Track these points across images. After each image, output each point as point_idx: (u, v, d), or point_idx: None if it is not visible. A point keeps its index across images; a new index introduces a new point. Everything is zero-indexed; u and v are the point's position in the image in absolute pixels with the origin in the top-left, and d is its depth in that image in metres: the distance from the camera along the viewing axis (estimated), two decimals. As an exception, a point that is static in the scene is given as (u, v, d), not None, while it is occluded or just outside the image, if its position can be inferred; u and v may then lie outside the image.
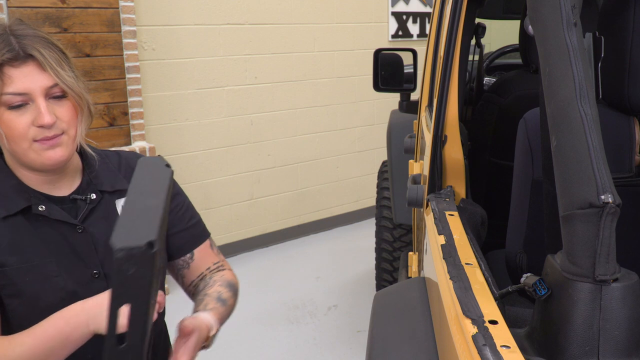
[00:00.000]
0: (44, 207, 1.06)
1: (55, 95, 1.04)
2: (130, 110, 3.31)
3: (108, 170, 1.16)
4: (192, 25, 3.63)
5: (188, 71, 3.67)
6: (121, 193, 1.16)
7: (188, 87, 3.68)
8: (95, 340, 1.09)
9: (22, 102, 1.01)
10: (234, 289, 1.24)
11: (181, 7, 3.57)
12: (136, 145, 3.28)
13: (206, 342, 1.06)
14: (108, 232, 1.10)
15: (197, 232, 1.27)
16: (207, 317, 1.08)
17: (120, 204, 1.15)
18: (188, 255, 1.24)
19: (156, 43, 3.50)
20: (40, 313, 1.02)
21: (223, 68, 3.82)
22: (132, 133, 3.33)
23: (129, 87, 3.29)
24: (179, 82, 3.64)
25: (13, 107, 1.00)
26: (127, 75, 3.27)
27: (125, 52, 3.24)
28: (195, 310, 1.13)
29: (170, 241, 1.23)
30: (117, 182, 1.16)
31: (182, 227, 1.24)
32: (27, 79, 1.00)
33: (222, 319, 1.14)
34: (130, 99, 3.30)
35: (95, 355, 1.10)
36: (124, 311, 0.73)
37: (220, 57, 3.79)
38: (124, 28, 3.22)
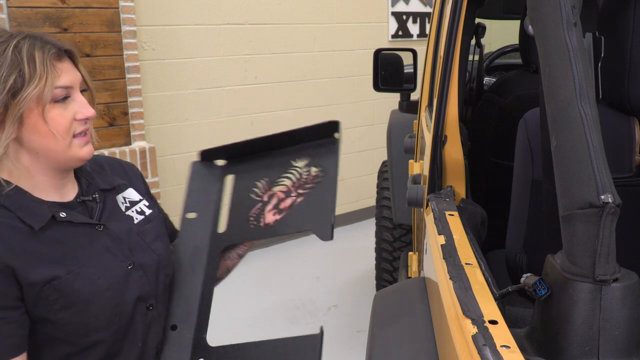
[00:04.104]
0: (64, 214, 1.04)
1: (80, 90, 1.07)
2: (130, 110, 3.31)
3: (96, 171, 1.16)
4: (192, 25, 3.63)
5: (188, 71, 3.66)
6: (119, 189, 1.17)
7: (188, 87, 3.68)
8: (147, 325, 1.12)
9: (66, 95, 1.03)
10: None
11: (181, 7, 3.56)
12: (136, 145, 3.28)
13: None
14: (121, 226, 1.12)
15: (171, 224, 1.35)
16: None
17: (120, 199, 1.16)
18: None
19: (156, 43, 3.50)
20: (95, 318, 1.03)
21: (223, 68, 3.82)
22: (132, 133, 3.33)
23: (129, 87, 3.29)
24: (179, 82, 3.64)
25: (58, 101, 1.01)
26: (127, 75, 3.27)
27: (125, 52, 3.24)
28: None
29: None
30: (112, 179, 1.17)
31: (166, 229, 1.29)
32: (69, 73, 1.04)
33: None
34: (130, 99, 3.30)
35: (147, 339, 1.13)
36: None
37: (220, 57, 3.79)
38: (124, 28, 3.22)
